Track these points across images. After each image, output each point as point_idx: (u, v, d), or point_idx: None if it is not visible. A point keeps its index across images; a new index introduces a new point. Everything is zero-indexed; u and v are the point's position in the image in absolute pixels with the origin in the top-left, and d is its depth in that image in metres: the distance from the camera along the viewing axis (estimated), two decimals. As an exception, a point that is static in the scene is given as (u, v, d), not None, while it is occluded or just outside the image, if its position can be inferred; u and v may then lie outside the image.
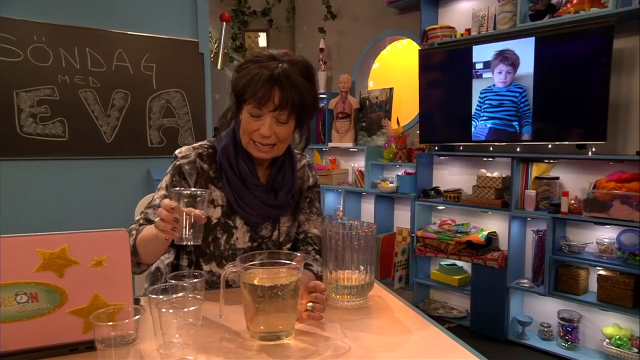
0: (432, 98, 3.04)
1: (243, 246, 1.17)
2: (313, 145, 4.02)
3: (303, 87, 1.05)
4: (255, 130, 1.06)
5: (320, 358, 0.82)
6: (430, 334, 0.93)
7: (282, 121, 1.06)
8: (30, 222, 2.66)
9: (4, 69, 2.61)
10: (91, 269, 0.76)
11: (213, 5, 4.10)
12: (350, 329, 0.94)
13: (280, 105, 1.03)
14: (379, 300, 1.12)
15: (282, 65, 1.04)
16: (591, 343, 2.57)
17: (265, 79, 1.01)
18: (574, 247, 2.51)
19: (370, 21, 3.74)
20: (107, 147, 2.86)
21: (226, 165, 1.13)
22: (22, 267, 0.72)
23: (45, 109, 2.74)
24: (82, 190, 2.78)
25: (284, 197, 1.17)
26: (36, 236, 0.72)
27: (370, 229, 1.08)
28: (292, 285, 0.88)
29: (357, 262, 1.07)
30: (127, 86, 2.91)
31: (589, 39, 2.33)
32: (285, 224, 1.22)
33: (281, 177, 1.17)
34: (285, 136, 1.09)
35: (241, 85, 1.05)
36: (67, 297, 0.76)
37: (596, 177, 2.47)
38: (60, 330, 0.78)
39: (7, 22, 2.59)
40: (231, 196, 1.13)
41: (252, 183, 1.13)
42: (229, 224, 1.15)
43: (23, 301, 0.74)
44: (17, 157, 2.69)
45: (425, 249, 3.09)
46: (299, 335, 0.91)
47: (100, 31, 2.85)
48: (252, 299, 0.87)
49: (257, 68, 1.03)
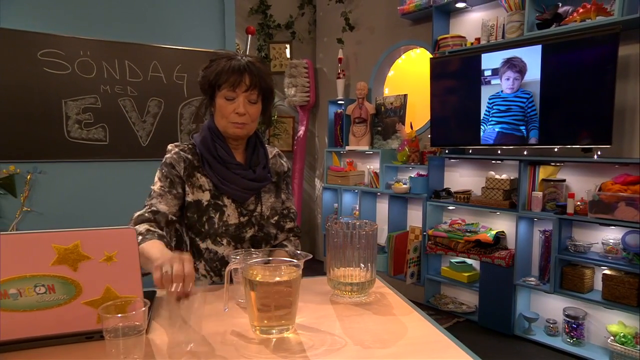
0: (443, 103, 2.97)
1: (235, 222, 1.21)
2: (332, 148, 4.00)
3: (265, 72, 1.17)
4: (232, 112, 1.14)
5: (316, 352, 0.79)
6: (427, 331, 0.89)
7: (252, 101, 1.16)
8: (76, 217, 2.73)
9: (55, 81, 2.69)
10: (102, 264, 0.76)
11: (241, 19, 4.13)
12: (348, 324, 0.91)
13: (251, 86, 1.13)
14: (380, 297, 1.08)
15: (245, 58, 1.16)
16: (596, 340, 2.45)
17: (236, 67, 1.12)
18: (580, 247, 2.40)
19: (385, 32, 3.68)
20: (143, 150, 2.91)
21: (206, 153, 1.19)
22: (39, 261, 0.73)
23: (89, 115, 2.80)
24: (121, 189, 2.84)
25: (261, 171, 1.23)
26: (51, 233, 0.72)
27: (371, 229, 1.05)
28: (292, 281, 0.86)
29: (358, 259, 1.04)
30: (160, 94, 2.96)
31: (595, 46, 2.22)
32: (269, 199, 1.28)
33: (255, 156, 1.25)
34: (256, 115, 1.19)
35: (214, 75, 1.13)
36: (81, 289, 0.76)
37: (602, 179, 2.35)
38: (76, 320, 0.78)
39: (58, 39, 2.66)
40: (214, 178, 1.19)
41: (231, 163, 1.19)
42: (218, 203, 1.20)
43: (41, 292, 0.74)
44: (65, 159, 2.76)
45: (436, 247, 3.01)
46: (299, 329, 0.88)
47: (138, 45, 2.90)
48: (254, 294, 0.85)
49: (225, 61, 1.14)
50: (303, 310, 0.96)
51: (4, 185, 2.60)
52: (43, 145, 2.64)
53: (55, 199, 2.66)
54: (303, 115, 4.30)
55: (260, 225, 1.25)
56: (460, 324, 2.89)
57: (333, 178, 3.88)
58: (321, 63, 4.36)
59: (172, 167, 1.19)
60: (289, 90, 4.20)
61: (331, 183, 3.89)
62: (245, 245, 1.24)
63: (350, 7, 3.91)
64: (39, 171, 2.64)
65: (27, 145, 2.60)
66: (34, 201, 2.59)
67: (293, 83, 4.17)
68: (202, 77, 1.18)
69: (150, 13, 2.90)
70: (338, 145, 3.99)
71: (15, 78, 2.54)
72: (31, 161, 2.61)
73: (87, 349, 0.79)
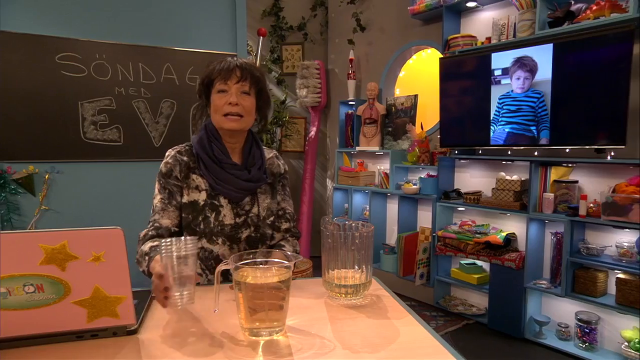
0: (452, 104, 2.91)
1: (230, 222, 1.20)
2: (343, 149, 3.97)
3: (258, 71, 1.18)
4: (225, 103, 1.14)
5: (303, 356, 0.77)
6: (419, 336, 0.86)
7: (245, 92, 1.15)
8: (92, 215, 2.77)
9: (72, 83, 2.73)
10: (91, 264, 0.75)
11: (254, 21, 4.14)
12: (340, 328, 0.88)
13: (242, 76, 1.14)
14: (376, 299, 1.06)
15: (238, 59, 1.18)
16: (610, 345, 2.36)
17: (229, 64, 1.16)
18: (593, 249, 2.32)
19: (396, 32, 3.64)
20: (156, 151, 2.94)
21: (202, 153, 1.18)
22: (27, 261, 0.73)
23: (104, 117, 2.84)
24: (134, 188, 2.87)
25: (257, 172, 1.22)
26: (39, 232, 0.72)
27: (366, 230, 1.02)
28: (282, 283, 0.84)
29: (353, 261, 1.01)
30: (173, 96, 2.98)
31: (609, 45, 2.14)
32: (265, 200, 1.26)
33: (251, 157, 1.23)
34: (250, 108, 1.17)
35: (207, 74, 1.16)
36: (70, 289, 0.76)
37: (615, 181, 2.27)
38: (66, 319, 0.78)
39: (75, 42, 2.71)
40: (210, 179, 1.18)
41: (226, 163, 1.18)
42: (215, 203, 1.19)
43: (31, 291, 0.74)
44: (81, 159, 2.81)
45: (445, 248, 2.96)
46: (289, 331, 0.86)
47: (151, 48, 2.93)
48: (244, 296, 0.83)
49: (219, 62, 1.17)
50: (295, 311, 0.94)
51: (24, 184, 2.65)
52: (60, 145, 2.69)
53: (72, 197, 2.71)
54: (315, 116, 4.28)
55: (256, 226, 1.23)
56: (470, 326, 2.83)
57: (344, 178, 3.85)
58: (333, 64, 4.33)
59: (169, 176, 1.18)
60: (301, 91, 4.19)
61: (342, 183, 3.86)
62: (241, 245, 1.22)
63: (362, 8, 3.88)
64: (56, 171, 2.69)
65: (46, 146, 2.66)
66: (51, 200, 2.65)
67: (305, 84, 4.16)
68: (200, 80, 1.20)
69: (163, 16, 2.92)
70: (349, 146, 3.96)
71: (34, 81, 2.59)
72: (49, 161, 2.66)
73: (78, 348, 0.79)
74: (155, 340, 0.82)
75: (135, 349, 0.79)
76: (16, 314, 0.75)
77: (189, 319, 0.92)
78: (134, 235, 1.10)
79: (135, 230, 1.13)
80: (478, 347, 2.54)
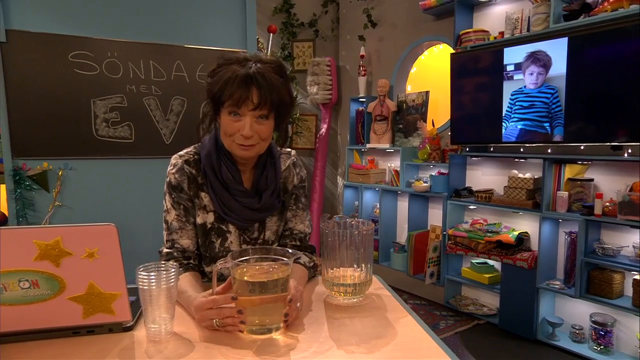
0: (464, 100, 2.86)
1: (236, 249, 1.11)
2: (353, 146, 3.94)
3: (278, 84, 0.97)
4: (237, 132, 0.97)
5: (300, 355, 0.76)
6: (417, 337, 0.84)
7: (262, 119, 0.98)
8: (104, 211, 2.81)
9: (85, 81, 2.77)
10: (85, 260, 0.75)
11: (265, 18, 4.13)
12: (337, 327, 0.87)
13: (260, 104, 0.95)
14: (376, 299, 1.04)
15: (255, 65, 0.96)
16: (626, 348, 2.29)
17: (242, 79, 0.93)
18: (608, 250, 2.25)
19: (408, 28, 3.59)
20: (166, 148, 2.96)
21: (210, 172, 1.05)
22: (22, 256, 0.73)
23: (115, 114, 2.87)
24: (145, 185, 2.90)
25: (269, 199, 1.08)
26: (32, 228, 0.72)
27: (366, 228, 1.00)
28: (282, 280, 0.83)
29: (353, 260, 0.99)
30: (184, 93, 2.99)
31: (627, 38, 2.06)
32: (274, 224, 1.14)
33: (264, 179, 1.09)
34: (267, 134, 1.00)
35: (217, 88, 0.96)
36: (65, 285, 0.76)
37: (633, 179, 2.19)
38: (62, 315, 0.78)
39: (87, 41, 2.74)
40: (217, 204, 1.06)
41: (235, 189, 1.06)
42: (222, 228, 1.09)
43: (26, 287, 0.75)
44: (94, 156, 2.84)
45: (456, 247, 2.91)
46: (288, 330, 0.85)
47: (162, 46, 2.95)
48: (243, 294, 0.83)
49: (231, 70, 0.95)
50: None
51: (38, 180, 2.70)
52: (73, 143, 2.73)
53: (85, 194, 2.75)
54: (325, 113, 4.26)
55: None
56: (481, 326, 2.78)
57: (354, 176, 3.82)
58: (344, 61, 4.30)
59: (180, 190, 1.07)
60: (312, 88, 4.18)
61: (352, 181, 3.84)
62: None
63: (373, 4, 3.84)
64: (69, 168, 2.73)
65: (59, 143, 2.70)
66: (65, 196, 2.69)
67: (315, 81, 4.14)
68: (208, 86, 1.01)
69: (174, 14, 2.94)
70: (359, 143, 3.93)
71: (48, 80, 2.63)
72: (62, 158, 2.70)
73: (74, 344, 0.79)
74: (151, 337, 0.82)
75: (131, 346, 0.79)
76: (12, 310, 0.75)
77: (186, 316, 0.91)
78: (145, 231, 1.07)
79: (145, 227, 1.11)
80: (489, 348, 2.50)
